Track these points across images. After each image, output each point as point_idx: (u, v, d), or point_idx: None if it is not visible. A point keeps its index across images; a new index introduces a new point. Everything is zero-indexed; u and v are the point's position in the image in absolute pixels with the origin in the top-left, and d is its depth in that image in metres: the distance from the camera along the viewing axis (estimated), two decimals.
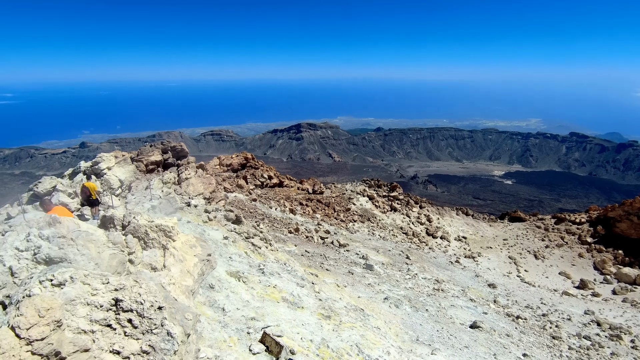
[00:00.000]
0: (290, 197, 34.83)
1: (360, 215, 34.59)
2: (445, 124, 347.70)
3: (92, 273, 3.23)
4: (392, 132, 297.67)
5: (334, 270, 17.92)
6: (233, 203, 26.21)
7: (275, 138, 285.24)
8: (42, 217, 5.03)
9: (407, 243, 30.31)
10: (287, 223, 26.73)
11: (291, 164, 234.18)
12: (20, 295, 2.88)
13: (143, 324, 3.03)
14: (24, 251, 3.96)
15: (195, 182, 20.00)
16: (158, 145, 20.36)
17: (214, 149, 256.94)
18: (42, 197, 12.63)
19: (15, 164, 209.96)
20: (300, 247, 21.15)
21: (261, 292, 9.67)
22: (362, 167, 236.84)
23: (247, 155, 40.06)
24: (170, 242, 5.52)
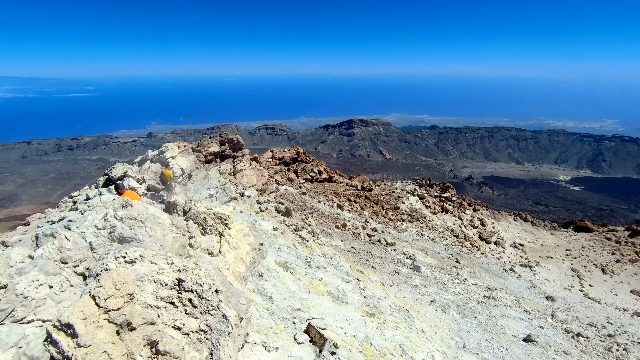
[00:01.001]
0: (338, 193, 34.95)
1: (409, 215, 33.79)
2: (506, 123, 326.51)
3: (159, 253, 3.52)
4: (447, 131, 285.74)
5: (380, 269, 17.75)
6: (283, 195, 26.88)
7: (326, 133, 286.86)
8: (116, 200, 5.55)
9: (458, 246, 29.11)
10: (334, 218, 26.88)
11: (341, 160, 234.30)
12: (99, 269, 3.22)
13: (201, 304, 3.26)
14: (102, 229, 4.41)
15: (249, 174, 20.79)
16: (217, 137, 21.41)
17: (268, 142, 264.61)
18: (115, 181, 13.90)
19: (93, 150, 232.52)
20: (347, 243, 21.18)
21: (307, 284, 9.87)
22: (414, 166, 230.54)
23: (298, 149, 40.78)
24: (226, 229, 5.82)
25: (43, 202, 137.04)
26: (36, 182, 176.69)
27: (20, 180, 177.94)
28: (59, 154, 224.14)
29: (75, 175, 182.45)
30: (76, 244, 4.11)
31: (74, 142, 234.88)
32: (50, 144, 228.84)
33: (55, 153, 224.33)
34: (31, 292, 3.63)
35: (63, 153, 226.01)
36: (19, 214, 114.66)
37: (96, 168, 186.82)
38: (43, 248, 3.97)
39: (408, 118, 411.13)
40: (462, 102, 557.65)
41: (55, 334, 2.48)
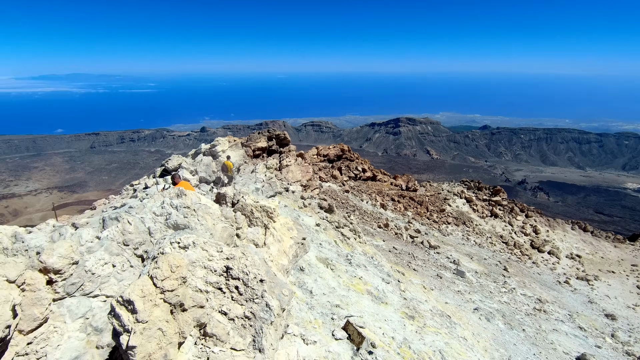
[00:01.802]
0: (382, 192, 34.51)
1: (455, 218, 32.53)
2: (567, 125, 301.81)
3: (209, 241, 3.74)
4: (501, 131, 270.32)
5: (422, 272, 17.33)
6: (327, 192, 27.05)
7: (372, 131, 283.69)
8: (171, 189, 5.94)
9: (507, 253, 27.57)
10: (377, 217, 26.60)
11: (386, 159, 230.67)
12: (156, 252, 3.48)
13: (247, 292, 3.42)
14: (159, 216, 4.75)
15: (294, 170, 21.17)
16: (265, 133, 22.03)
17: (313, 139, 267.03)
18: (171, 171, 14.83)
19: (151, 143, 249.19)
20: (388, 243, 20.89)
21: (347, 281, 9.89)
22: (462, 167, 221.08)
23: (343, 147, 40.76)
24: (271, 222, 6.01)
25: (107, 189, 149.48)
26: (102, 171, 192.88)
27: (88, 169, 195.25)
28: (122, 145, 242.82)
29: (136, 165, 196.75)
30: (137, 228, 4.47)
31: (135, 135, 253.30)
32: (115, 135, 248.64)
33: (119, 144, 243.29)
34: (97, 269, 4.02)
35: (125, 144, 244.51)
36: (86, 199, 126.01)
37: (154, 159, 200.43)
38: (108, 230, 4.37)
39: (458, 117, 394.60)
40: (518, 101, 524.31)
41: (118, 308, 2.74)
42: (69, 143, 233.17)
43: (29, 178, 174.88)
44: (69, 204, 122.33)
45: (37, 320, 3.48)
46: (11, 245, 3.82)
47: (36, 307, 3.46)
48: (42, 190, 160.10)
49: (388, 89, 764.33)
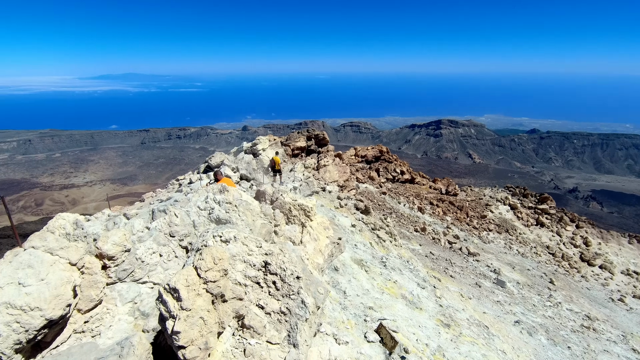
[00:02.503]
0: (420, 195, 33.73)
1: (498, 225, 31.10)
2: (628, 130, 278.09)
3: (249, 236, 3.87)
4: (551, 136, 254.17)
5: (459, 279, 16.76)
6: (363, 193, 26.88)
7: (412, 133, 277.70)
8: (214, 185, 6.19)
9: (553, 265, 25.95)
10: (414, 221, 26.06)
11: (425, 161, 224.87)
12: (200, 244, 3.67)
13: (283, 288, 3.51)
14: (203, 210, 4.99)
15: (332, 170, 21.25)
16: (304, 132, 22.29)
17: (351, 140, 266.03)
18: (213, 168, 15.44)
19: (196, 140, 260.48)
20: (425, 248, 20.40)
21: (381, 284, 9.79)
22: (507, 172, 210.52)
23: (382, 148, 40.30)
24: (309, 221, 6.09)
25: (154, 182, 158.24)
26: (150, 165, 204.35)
27: (138, 163, 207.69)
28: (169, 142, 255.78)
29: (181, 161, 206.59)
30: (182, 220, 4.72)
31: (182, 132, 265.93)
32: (163, 132, 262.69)
33: (166, 141, 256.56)
34: (146, 257, 4.30)
35: (172, 141, 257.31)
36: (135, 192, 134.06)
37: (198, 156, 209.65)
38: (157, 222, 4.65)
39: (504, 120, 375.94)
40: (571, 104, 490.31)
41: (165, 295, 2.93)
42: (122, 139, 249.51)
43: (86, 170, 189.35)
44: (120, 195, 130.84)
45: (93, 301, 3.79)
46: (73, 231, 4.18)
47: (93, 289, 3.77)
48: (97, 182, 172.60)
49: (430, 90, 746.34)
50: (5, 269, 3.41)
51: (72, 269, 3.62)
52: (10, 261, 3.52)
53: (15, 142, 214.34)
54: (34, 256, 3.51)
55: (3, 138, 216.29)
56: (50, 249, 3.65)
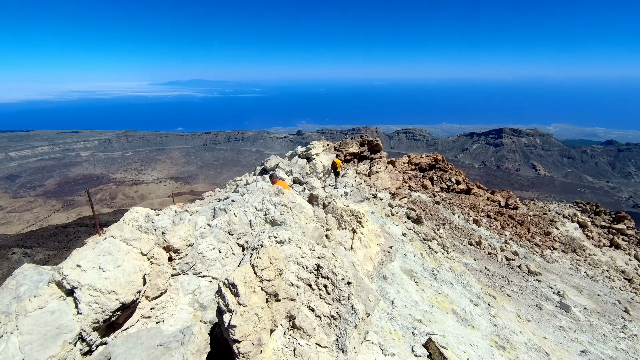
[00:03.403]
0: (476, 207, 32.04)
1: (564, 244, 28.51)
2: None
3: (303, 239, 3.98)
4: (631, 148, 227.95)
5: (517, 299, 15.63)
6: (415, 202, 26.18)
7: (469, 142, 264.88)
8: (270, 187, 6.44)
9: (629, 293, 23.17)
10: (468, 233, 24.82)
11: (483, 172, 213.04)
12: (256, 243, 3.85)
13: (334, 292, 3.56)
14: (259, 211, 5.22)
15: (384, 177, 20.99)
16: (357, 138, 22.31)
17: (405, 147, 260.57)
18: (269, 170, 16.01)
19: (253, 143, 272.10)
20: (480, 263, 19.34)
21: (431, 297, 9.47)
22: (576, 187, 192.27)
23: (437, 156, 38.99)
24: (360, 227, 6.09)
25: (213, 182, 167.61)
26: (210, 166, 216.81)
27: (200, 163, 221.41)
28: (228, 144, 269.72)
29: (238, 163, 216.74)
30: (240, 220, 4.98)
31: (240, 135, 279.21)
32: (223, 135, 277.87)
33: (225, 143, 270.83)
34: (207, 253, 4.60)
35: (231, 144, 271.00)
36: (195, 190, 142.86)
37: (254, 158, 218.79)
38: (217, 219, 4.96)
39: (575, 130, 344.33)
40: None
41: (224, 289, 3.11)
42: (187, 140, 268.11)
43: (154, 168, 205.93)
44: (181, 193, 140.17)
45: (159, 290, 4.13)
46: (144, 224, 4.60)
47: (159, 279, 4.12)
48: (162, 180, 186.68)
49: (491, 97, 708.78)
50: (89, 254, 3.84)
51: (143, 258, 3.99)
52: (93, 247, 3.96)
53: (96, 141, 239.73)
54: (113, 245, 3.93)
55: (87, 137, 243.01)
56: (126, 239, 4.06)
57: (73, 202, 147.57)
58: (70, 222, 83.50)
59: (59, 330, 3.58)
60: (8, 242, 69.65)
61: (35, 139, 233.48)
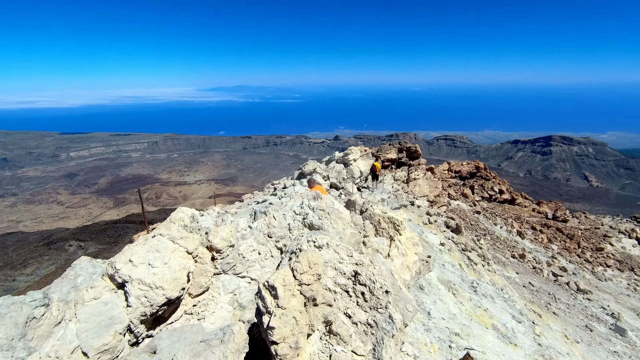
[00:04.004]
0: (521, 218, 30.41)
1: (619, 261, 26.30)
2: None
3: (341, 244, 4.00)
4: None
5: (564, 318, 14.61)
6: (455, 211, 25.32)
7: (514, 149, 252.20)
8: (308, 191, 6.52)
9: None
10: (511, 246, 23.60)
11: (529, 181, 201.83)
12: (294, 247, 3.92)
13: (372, 300, 3.53)
14: (298, 215, 5.30)
15: (422, 184, 20.52)
16: (395, 144, 22.00)
17: (445, 154, 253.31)
18: (306, 175, 16.20)
19: (291, 147, 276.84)
20: (523, 277, 18.32)
21: (470, 310, 9.11)
22: (634, 200, 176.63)
23: (478, 164, 37.52)
24: (397, 235, 6.01)
25: (251, 185, 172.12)
26: (249, 169, 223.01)
27: (239, 166, 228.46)
28: (267, 148, 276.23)
29: (276, 167, 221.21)
30: (280, 223, 5.09)
31: (278, 140, 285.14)
32: (262, 139, 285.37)
33: (264, 147, 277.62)
34: (247, 254, 4.74)
35: (269, 147, 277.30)
36: (235, 192, 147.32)
37: (291, 162, 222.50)
38: (258, 222, 5.10)
39: (635, 139, 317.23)
40: None
41: (264, 291, 3.20)
42: (228, 143, 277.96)
43: (196, 170, 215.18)
44: (221, 194, 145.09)
45: (202, 287, 4.32)
46: (190, 224, 4.83)
47: (202, 277, 4.30)
48: (204, 181, 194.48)
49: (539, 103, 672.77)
50: (139, 250, 4.10)
51: (188, 257, 4.19)
52: (143, 244, 4.22)
53: (146, 143, 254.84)
54: (161, 242, 4.16)
55: (137, 140, 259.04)
56: (173, 237, 4.28)
57: (123, 200, 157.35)
58: (119, 219, 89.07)
59: (111, 320, 3.84)
60: (66, 235, 75.32)
61: (92, 140, 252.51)
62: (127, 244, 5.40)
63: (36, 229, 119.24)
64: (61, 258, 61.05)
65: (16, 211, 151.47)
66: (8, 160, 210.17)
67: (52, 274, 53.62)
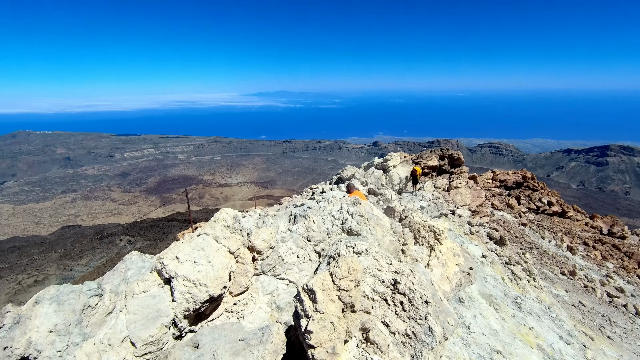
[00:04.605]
0: (572, 232, 28.38)
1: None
2: None
3: (380, 251, 3.96)
4: None
5: (621, 343, 13.40)
6: (498, 222, 24.16)
7: (566, 159, 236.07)
8: (347, 197, 6.52)
9: None
10: (560, 261, 22.07)
11: (582, 193, 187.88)
12: (333, 252, 3.94)
13: (411, 310, 3.46)
14: (337, 220, 5.32)
15: (464, 192, 19.80)
16: (437, 151, 21.44)
17: (489, 162, 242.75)
18: (344, 180, 16.20)
19: (329, 152, 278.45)
20: (573, 296, 17.07)
21: (513, 327, 8.65)
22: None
23: (526, 173, 35.55)
24: (438, 244, 5.84)
25: (289, 188, 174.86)
26: (288, 173, 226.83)
27: (279, 170, 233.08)
28: (306, 153, 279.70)
29: (314, 171, 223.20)
30: (319, 227, 5.14)
31: (317, 144, 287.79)
32: (301, 144, 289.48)
33: (303, 151, 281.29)
34: (286, 256, 4.83)
35: (308, 152, 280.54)
36: (273, 195, 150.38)
37: (329, 167, 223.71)
38: (297, 225, 5.18)
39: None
40: None
41: (303, 294, 3.24)
42: (268, 147, 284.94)
43: (238, 172, 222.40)
44: (260, 197, 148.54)
45: (242, 287, 4.45)
46: (232, 224, 5.00)
47: (243, 277, 4.43)
48: (244, 183, 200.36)
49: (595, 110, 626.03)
50: (185, 248, 4.31)
51: (230, 256, 4.34)
52: (189, 242, 4.43)
53: (192, 145, 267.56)
54: (206, 241, 4.35)
55: (184, 142, 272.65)
56: (217, 237, 4.46)
57: (169, 199, 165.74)
58: (164, 217, 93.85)
59: (157, 313, 4.06)
60: (117, 231, 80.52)
61: (143, 142, 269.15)
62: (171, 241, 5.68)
63: (91, 223, 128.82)
64: (112, 251, 65.37)
65: (75, 206, 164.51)
66: (70, 159, 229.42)
67: (103, 265, 57.56)
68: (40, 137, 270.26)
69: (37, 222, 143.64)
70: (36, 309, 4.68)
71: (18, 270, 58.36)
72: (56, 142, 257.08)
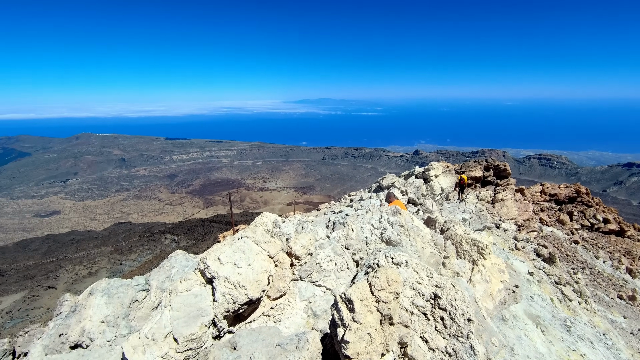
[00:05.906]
0: (632, 253, 25.88)
1: None
2: None
3: (420, 264, 3.85)
4: None
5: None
6: (547, 238, 22.60)
7: (626, 173, 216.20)
8: (386, 206, 6.41)
9: None
10: (617, 284, 20.19)
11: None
12: (372, 262, 3.89)
13: (452, 327, 3.33)
14: (376, 229, 5.26)
15: (510, 205, 18.77)
16: (482, 162, 20.56)
17: (537, 174, 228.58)
18: (384, 189, 15.98)
19: (369, 160, 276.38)
20: (632, 323, 15.52)
21: (562, 352, 8.03)
22: None
23: (579, 188, 33.00)
24: (481, 259, 5.58)
25: (327, 194, 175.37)
26: (326, 179, 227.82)
27: (317, 176, 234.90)
28: (345, 160, 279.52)
29: (352, 179, 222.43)
30: (357, 235, 5.10)
31: (357, 152, 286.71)
32: (341, 151, 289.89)
33: (342, 158, 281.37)
34: (324, 264, 4.83)
35: (348, 159, 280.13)
36: (312, 201, 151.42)
37: (368, 175, 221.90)
38: (336, 232, 5.18)
39: None
40: None
41: (340, 303, 3.22)
42: (308, 153, 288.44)
43: (278, 177, 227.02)
44: (298, 202, 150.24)
45: (280, 292, 4.51)
46: (272, 229, 5.10)
47: (281, 281, 4.49)
48: (284, 188, 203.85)
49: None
50: (227, 250, 4.45)
51: (269, 260, 4.42)
52: (231, 245, 4.57)
53: (235, 150, 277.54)
54: (247, 244, 4.46)
55: (228, 147, 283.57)
56: (257, 240, 4.56)
57: (212, 201, 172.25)
58: (207, 218, 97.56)
59: (199, 312, 4.21)
60: (163, 229, 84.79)
61: (191, 146, 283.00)
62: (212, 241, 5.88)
63: (141, 221, 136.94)
64: (157, 249, 68.89)
65: (127, 204, 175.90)
66: (125, 161, 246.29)
67: (149, 262, 60.79)
68: (99, 139, 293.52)
69: (93, 217, 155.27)
70: (90, 300, 5.04)
71: (75, 262, 63.23)
72: (113, 144, 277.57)
